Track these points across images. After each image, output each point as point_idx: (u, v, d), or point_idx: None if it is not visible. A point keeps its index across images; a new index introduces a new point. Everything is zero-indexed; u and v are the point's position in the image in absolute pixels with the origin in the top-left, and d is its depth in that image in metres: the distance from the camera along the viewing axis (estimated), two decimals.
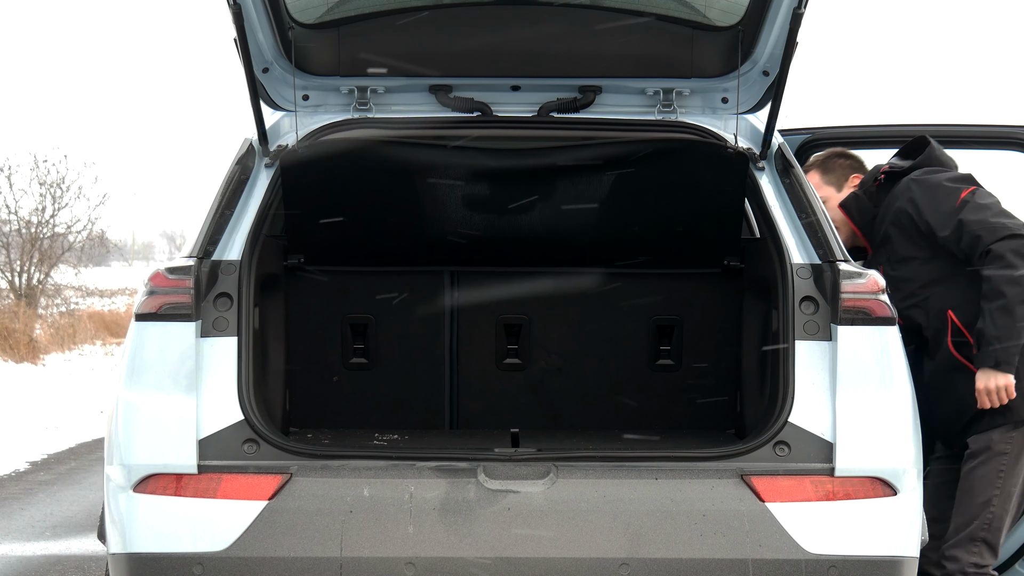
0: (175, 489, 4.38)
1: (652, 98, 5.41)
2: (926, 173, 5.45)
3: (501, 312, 5.58)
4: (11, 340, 19.51)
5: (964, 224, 5.22)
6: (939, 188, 5.35)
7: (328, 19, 5.34)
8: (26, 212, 23.46)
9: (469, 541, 4.32)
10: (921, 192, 5.38)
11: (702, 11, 5.33)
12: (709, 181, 5.18)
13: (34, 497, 9.35)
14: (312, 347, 5.38)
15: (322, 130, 5.23)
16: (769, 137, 5.14)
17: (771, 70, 5.29)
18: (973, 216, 5.21)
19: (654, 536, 4.34)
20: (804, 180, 5.00)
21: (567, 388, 5.59)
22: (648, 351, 5.56)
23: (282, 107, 5.38)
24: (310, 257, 5.29)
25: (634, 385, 5.54)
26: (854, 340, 4.52)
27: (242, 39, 4.86)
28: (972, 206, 5.24)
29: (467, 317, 5.59)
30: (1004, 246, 5.14)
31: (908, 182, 5.44)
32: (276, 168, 5.05)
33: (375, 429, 5.20)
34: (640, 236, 5.42)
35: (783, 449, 4.46)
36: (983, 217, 5.21)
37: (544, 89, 5.37)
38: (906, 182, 5.45)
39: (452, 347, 5.56)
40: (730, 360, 5.38)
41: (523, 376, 5.59)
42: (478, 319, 5.58)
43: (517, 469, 4.40)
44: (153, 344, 4.50)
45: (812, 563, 4.36)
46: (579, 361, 5.60)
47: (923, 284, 5.41)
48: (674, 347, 5.55)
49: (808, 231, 4.81)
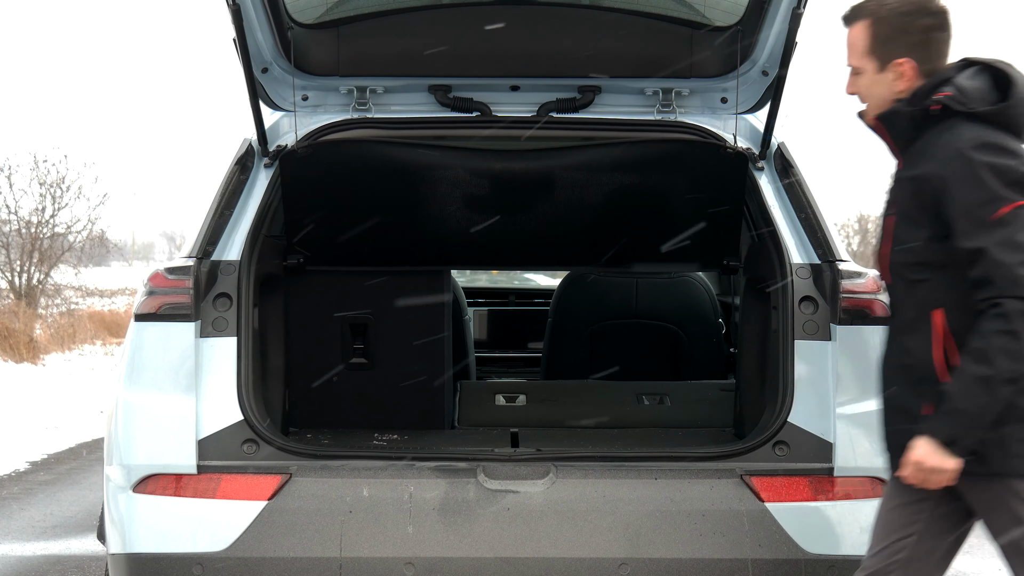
0: (175, 489, 4.38)
1: (651, 98, 5.41)
2: (988, 150, 3.64)
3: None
4: (11, 340, 19.50)
5: (985, 255, 3.61)
6: (982, 185, 3.62)
7: (327, 19, 5.34)
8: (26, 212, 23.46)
9: (469, 541, 4.32)
10: (961, 178, 3.64)
11: (702, 11, 5.34)
12: (709, 181, 5.18)
13: (34, 497, 9.34)
14: (312, 347, 5.38)
15: (322, 130, 5.23)
16: (768, 137, 5.15)
17: (770, 70, 5.30)
18: (999, 253, 3.60)
19: (653, 536, 4.34)
20: (803, 180, 5.00)
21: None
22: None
23: (281, 107, 5.38)
24: (310, 257, 5.29)
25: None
26: (853, 340, 4.53)
27: (241, 39, 4.86)
28: (1005, 235, 3.61)
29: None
30: (1017, 307, 3.59)
31: (959, 152, 3.65)
32: (276, 168, 5.05)
33: (375, 429, 5.20)
34: (639, 236, 5.42)
35: (782, 449, 4.46)
36: (1012, 260, 3.59)
37: (543, 89, 5.37)
38: (957, 150, 3.65)
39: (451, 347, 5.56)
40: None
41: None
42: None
43: (517, 469, 4.40)
44: (153, 344, 4.50)
45: (811, 563, 4.36)
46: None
47: (916, 263, 3.81)
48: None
49: (807, 231, 4.81)
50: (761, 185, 5.05)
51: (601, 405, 5.62)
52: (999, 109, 3.65)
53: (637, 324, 6.65)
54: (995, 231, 3.59)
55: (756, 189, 5.06)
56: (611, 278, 6.67)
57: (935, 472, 3.65)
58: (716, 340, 6.66)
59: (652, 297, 6.66)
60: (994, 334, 3.57)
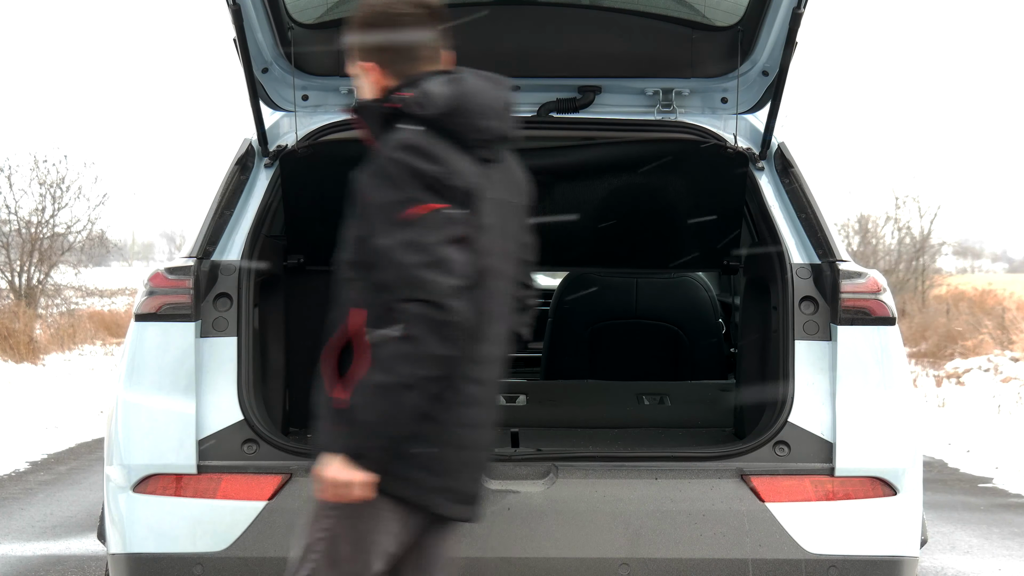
0: (175, 489, 4.38)
1: (652, 98, 5.41)
2: (411, 152, 3.48)
3: None
4: (11, 340, 19.50)
5: (389, 254, 3.40)
6: (395, 184, 3.46)
7: (328, 19, 5.34)
8: (26, 212, 23.45)
9: (469, 541, 4.32)
10: (380, 176, 3.50)
11: (702, 11, 5.34)
12: (709, 181, 5.18)
13: (34, 497, 9.34)
14: (312, 347, 5.38)
15: (322, 130, 5.23)
16: (769, 137, 5.14)
17: (770, 70, 5.29)
18: (401, 254, 3.38)
19: (654, 536, 4.34)
20: (803, 180, 5.00)
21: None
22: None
23: (282, 107, 5.38)
24: (310, 257, 5.29)
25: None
26: (854, 340, 4.52)
27: (242, 39, 4.86)
28: (410, 236, 3.40)
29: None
30: (416, 310, 3.36)
31: (384, 151, 3.53)
32: (276, 168, 5.05)
33: None
34: (639, 236, 5.42)
35: (783, 449, 4.46)
36: (412, 261, 3.38)
37: (544, 89, 5.37)
38: (384, 150, 3.53)
39: None
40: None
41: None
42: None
43: (517, 469, 4.40)
44: (153, 344, 4.50)
45: (812, 563, 4.35)
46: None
47: (347, 261, 3.62)
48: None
49: (808, 231, 4.80)
50: (761, 185, 5.05)
51: (601, 405, 5.62)
52: (438, 115, 3.53)
53: (637, 324, 6.65)
54: (401, 231, 3.41)
55: (756, 189, 5.05)
56: (611, 278, 6.67)
57: (346, 487, 3.43)
58: (716, 340, 6.66)
59: (652, 297, 6.66)
60: (393, 340, 3.35)
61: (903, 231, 29.38)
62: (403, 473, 3.48)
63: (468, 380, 3.50)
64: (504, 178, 3.63)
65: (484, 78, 3.66)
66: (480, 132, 3.54)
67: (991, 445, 12.41)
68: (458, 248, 3.40)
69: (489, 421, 3.60)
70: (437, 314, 3.33)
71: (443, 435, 3.48)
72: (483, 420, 3.56)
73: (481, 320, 3.49)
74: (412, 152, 3.46)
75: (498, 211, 3.55)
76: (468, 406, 3.52)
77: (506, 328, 3.68)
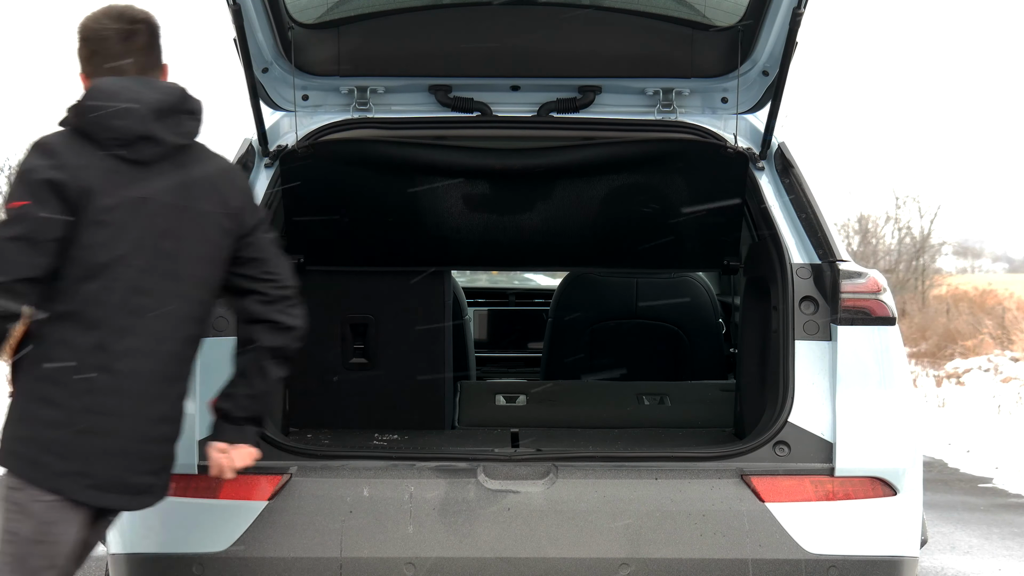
0: (175, 489, 4.38)
1: (652, 98, 5.41)
2: (32, 150, 3.76)
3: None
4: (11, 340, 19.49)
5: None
6: (12, 180, 3.79)
7: (328, 19, 5.34)
8: None
9: (469, 541, 4.32)
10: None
11: (702, 11, 5.33)
12: (709, 181, 5.18)
13: None
14: (312, 347, 5.38)
15: (322, 130, 5.23)
16: (769, 137, 5.14)
17: (771, 70, 5.29)
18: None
19: (654, 536, 4.34)
20: (804, 180, 5.00)
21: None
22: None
23: (282, 107, 5.38)
24: (310, 257, 5.29)
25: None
26: (854, 340, 4.52)
27: (242, 39, 4.86)
28: (6, 232, 3.69)
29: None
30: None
31: None
32: (276, 168, 5.05)
33: (375, 429, 5.20)
34: (639, 236, 5.42)
35: (783, 449, 4.46)
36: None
37: (544, 89, 5.37)
38: None
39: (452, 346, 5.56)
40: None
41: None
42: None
43: (517, 469, 4.40)
44: None
45: (812, 563, 4.35)
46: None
47: None
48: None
49: (808, 231, 4.80)
50: (761, 185, 5.04)
51: (601, 405, 5.62)
52: (69, 116, 3.77)
53: (637, 324, 6.65)
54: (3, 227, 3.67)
55: (756, 189, 5.05)
56: (611, 278, 6.67)
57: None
58: (716, 340, 6.66)
59: (652, 297, 6.66)
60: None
61: (903, 231, 29.42)
62: (33, 456, 3.66)
63: (98, 368, 3.67)
64: (176, 181, 3.78)
65: (134, 81, 3.81)
66: (113, 131, 3.70)
67: (991, 445, 12.42)
68: (18, 246, 3.60)
69: (132, 411, 3.73)
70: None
71: (71, 420, 3.65)
72: (119, 409, 3.71)
73: (107, 312, 3.67)
74: (33, 150, 3.71)
75: (143, 210, 3.71)
76: (96, 394, 3.67)
77: (169, 324, 3.81)
